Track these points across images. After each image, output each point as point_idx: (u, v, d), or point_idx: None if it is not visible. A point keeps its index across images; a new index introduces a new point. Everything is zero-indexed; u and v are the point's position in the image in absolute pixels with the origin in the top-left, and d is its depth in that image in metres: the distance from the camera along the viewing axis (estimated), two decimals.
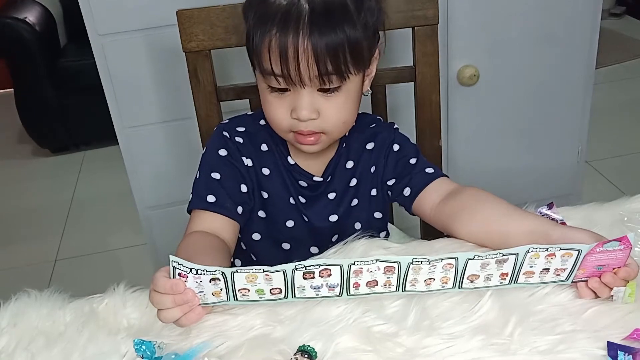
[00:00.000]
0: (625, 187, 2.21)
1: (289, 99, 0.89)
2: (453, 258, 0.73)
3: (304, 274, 0.71)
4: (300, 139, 0.92)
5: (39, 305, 0.81)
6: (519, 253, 0.72)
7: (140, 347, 0.71)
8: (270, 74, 0.87)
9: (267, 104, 0.92)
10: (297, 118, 0.89)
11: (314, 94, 0.88)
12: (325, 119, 0.90)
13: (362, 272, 0.73)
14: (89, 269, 2.15)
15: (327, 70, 0.84)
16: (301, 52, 0.83)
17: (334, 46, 0.83)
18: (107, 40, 1.48)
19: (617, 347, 0.66)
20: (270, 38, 0.84)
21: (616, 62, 3.16)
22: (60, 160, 2.97)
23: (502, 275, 0.75)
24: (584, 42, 1.75)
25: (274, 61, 0.85)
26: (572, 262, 0.73)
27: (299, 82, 0.85)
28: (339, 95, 0.89)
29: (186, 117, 1.50)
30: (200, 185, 0.96)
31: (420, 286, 0.75)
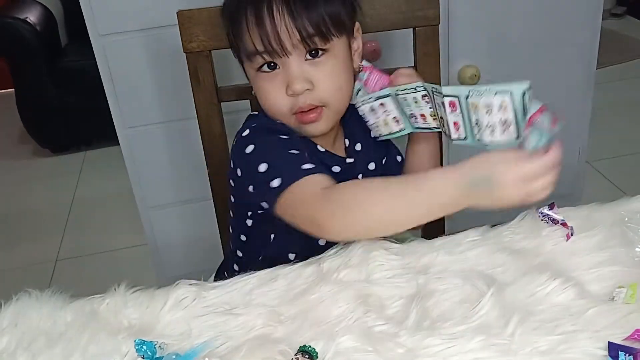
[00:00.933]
0: (625, 187, 2.21)
1: (280, 77, 0.89)
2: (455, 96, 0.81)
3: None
4: (303, 117, 0.90)
5: (40, 306, 0.81)
6: (462, 103, 0.79)
7: (141, 347, 0.71)
8: (254, 53, 0.88)
9: (262, 91, 0.92)
10: (293, 93, 0.88)
11: (303, 65, 0.88)
12: (320, 88, 0.89)
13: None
14: (89, 269, 2.15)
15: (308, 31, 0.85)
16: (278, 19, 0.85)
17: (312, 6, 0.85)
18: (108, 41, 1.48)
19: (617, 348, 0.66)
20: (246, 18, 0.86)
21: (617, 62, 3.16)
22: (61, 160, 2.97)
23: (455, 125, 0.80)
24: (585, 42, 1.75)
25: (254, 38, 0.86)
26: (512, 111, 0.75)
27: (282, 50, 0.86)
28: (327, 60, 0.89)
29: (187, 118, 1.50)
30: (283, 163, 0.86)
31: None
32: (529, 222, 0.89)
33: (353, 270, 0.83)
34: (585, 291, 0.76)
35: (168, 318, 0.78)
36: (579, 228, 0.86)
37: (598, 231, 0.85)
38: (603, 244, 0.83)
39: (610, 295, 0.75)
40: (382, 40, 1.58)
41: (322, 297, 0.79)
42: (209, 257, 1.33)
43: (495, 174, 0.71)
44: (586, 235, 0.85)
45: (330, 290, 0.79)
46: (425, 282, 0.80)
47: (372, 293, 0.79)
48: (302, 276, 0.83)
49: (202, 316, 0.78)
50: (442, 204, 0.74)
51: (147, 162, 1.64)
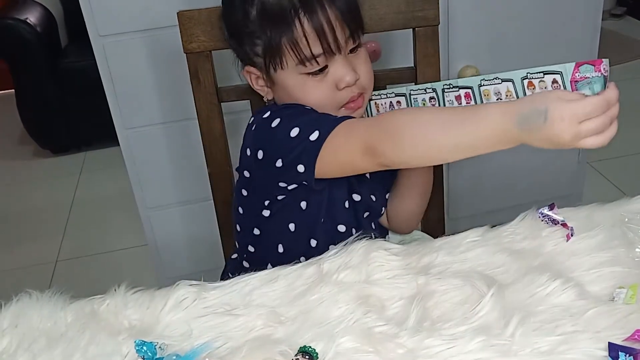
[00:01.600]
0: (626, 187, 2.21)
1: (329, 76, 0.93)
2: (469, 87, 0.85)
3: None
4: (353, 105, 0.96)
5: (40, 306, 0.81)
6: (514, 79, 0.79)
7: (142, 348, 0.71)
8: (311, 58, 0.91)
9: (310, 93, 0.94)
10: (346, 85, 0.93)
11: (347, 58, 0.94)
12: (362, 75, 0.96)
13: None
14: (90, 270, 2.15)
15: (356, 26, 0.93)
16: (334, 21, 0.90)
17: (350, 3, 0.93)
18: (108, 41, 1.48)
19: (618, 348, 0.66)
20: (301, 23, 0.89)
21: (617, 63, 3.16)
22: (61, 161, 2.97)
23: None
24: (585, 43, 1.75)
25: (312, 42, 0.90)
26: (515, 96, 0.80)
27: (338, 49, 0.91)
28: (361, 50, 0.97)
29: (187, 118, 1.50)
30: (313, 122, 0.89)
31: None
32: (529, 222, 0.89)
33: (353, 271, 0.83)
34: (586, 292, 0.76)
35: (168, 319, 0.78)
36: (579, 229, 0.86)
37: (598, 232, 0.85)
38: (603, 245, 0.83)
39: (610, 295, 0.75)
40: (382, 40, 1.58)
41: (322, 297, 0.79)
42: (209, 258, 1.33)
43: (550, 109, 0.69)
44: (586, 236, 0.85)
45: (331, 291, 0.79)
46: (425, 282, 0.80)
47: (372, 294, 0.79)
48: (302, 277, 0.83)
49: (202, 317, 0.78)
50: (495, 134, 0.74)
51: (147, 162, 1.64)
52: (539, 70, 0.79)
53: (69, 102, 2.83)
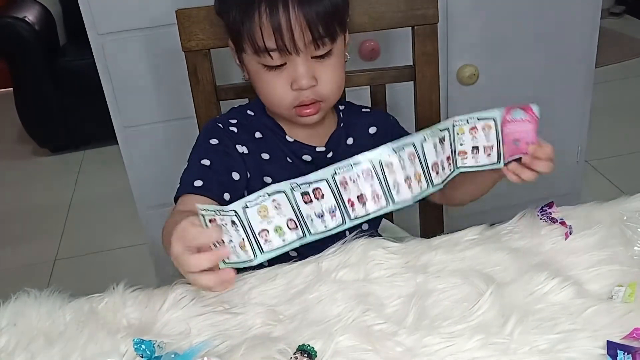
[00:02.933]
0: (624, 186, 2.21)
1: (286, 73, 0.91)
2: (410, 144, 0.76)
3: (303, 197, 0.71)
4: (303, 111, 0.94)
5: (39, 305, 0.81)
6: (449, 128, 0.80)
7: (140, 346, 0.71)
8: (264, 51, 0.89)
9: (265, 84, 0.94)
10: (298, 88, 0.91)
11: (309, 62, 0.91)
12: (322, 84, 0.93)
13: (347, 183, 0.73)
14: (88, 269, 2.15)
15: (320, 34, 0.89)
16: (294, 22, 0.87)
17: (324, 9, 0.88)
18: (107, 40, 1.48)
19: (616, 347, 0.66)
20: (260, 15, 0.87)
21: (616, 62, 3.16)
22: (59, 160, 2.96)
23: (447, 159, 0.80)
24: (584, 42, 1.75)
25: (267, 37, 0.88)
26: (494, 135, 0.79)
27: (294, 50, 0.89)
28: (331, 58, 0.93)
29: (186, 117, 1.49)
30: (188, 173, 0.96)
31: (404, 191, 0.75)
32: (528, 221, 0.89)
33: (352, 270, 0.83)
34: (584, 290, 0.76)
35: (167, 317, 0.78)
36: (578, 227, 0.86)
37: (597, 230, 0.85)
38: (602, 243, 0.83)
39: (609, 294, 0.75)
40: (381, 39, 1.58)
41: (320, 296, 0.79)
42: None
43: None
44: (585, 234, 0.85)
45: (329, 290, 0.79)
46: (424, 281, 0.80)
47: (370, 292, 0.79)
48: (300, 275, 0.83)
49: (200, 315, 0.78)
50: None
51: (145, 161, 1.64)
52: (465, 116, 0.81)
53: (68, 100, 2.82)
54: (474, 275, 0.79)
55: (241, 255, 0.71)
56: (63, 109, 2.85)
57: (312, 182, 0.72)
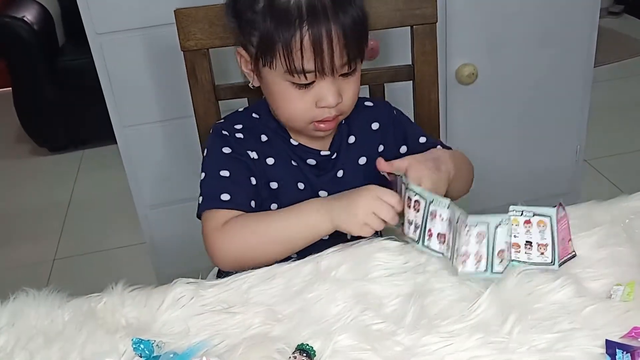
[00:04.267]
0: (624, 185, 2.21)
1: (313, 91, 0.91)
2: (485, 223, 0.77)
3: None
4: (323, 126, 0.95)
5: (38, 305, 0.81)
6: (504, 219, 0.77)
7: (139, 346, 0.71)
8: (300, 72, 0.88)
9: (287, 101, 0.93)
10: (325, 106, 0.91)
11: (337, 80, 0.91)
12: (346, 100, 0.93)
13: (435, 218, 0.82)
14: (87, 268, 2.15)
15: (354, 54, 0.89)
16: (335, 44, 0.86)
17: (358, 29, 0.89)
18: (105, 39, 1.48)
19: (615, 345, 0.66)
20: (302, 36, 0.85)
21: (615, 61, 3.16)
22: (58, 160, 2.96)
23: (499, 254, 0.78)
24: (583, 41, 1.75)
25: (306, 58, 0.87)
26: (549, 234, 0.77)
27: (331, 72, 0.89)
28: (355, 75, 0.94)
29: (184, 116, 1.49)
30: (210, 185, 0.96)
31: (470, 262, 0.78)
32: None
33: (351, 269, 0.83)
34: (583, 289, 0.76)
35: (166, 317, 0.78)
36: (577, 226, 0.86)
37: (597, 229, 0.85)
38: (601, 242, 0.83)
39: (607, 293, 0.75)
40: (380, 38, 1.58)
41: (319, 295, 0.79)
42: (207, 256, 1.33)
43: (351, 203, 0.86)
44: (585, 234, 0.85)
45: (328, 289, 0.79)
46: (422, 280, 0.80)
47: (369, 291, 0.79)
48: (299, 275, 0.83)
49: (199, 315, 0.78)
50: (315, 236, 0.89)
51: (144, 161, 1.64)
52: (525, 209, 0.80)
53: (67, 100, 2.82)
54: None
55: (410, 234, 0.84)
56: (62, 109, 2.84)
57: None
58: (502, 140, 1.82)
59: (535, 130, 1.84)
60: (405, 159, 0.90)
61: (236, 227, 0.90)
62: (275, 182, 1.00)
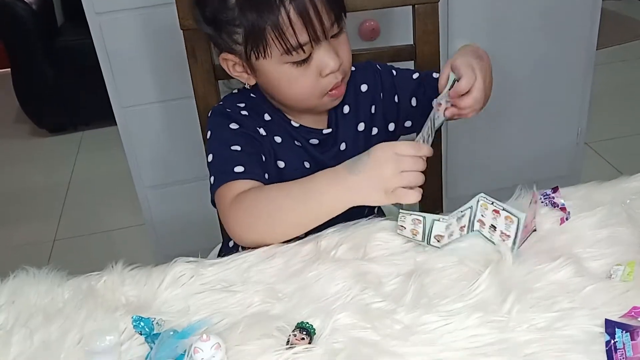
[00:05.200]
0: (624, 168, 2.19)
1: (313, 64, 0.90)
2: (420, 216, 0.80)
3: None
4: (336, 93, 0.94)
5: (38, 283, 0.81)
6: (473, 206, 0.80)
7: (139, 323, 0.71)
8: (298, 47, 0.87)
9: (293, 83, 0.91)
10: (331, 72, 0.90)
11: (330, 43, 0.91)
12: (345, 59, 0.93)
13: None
14: (87, 249, 2.16)
15: (339, 10, 0.89)
16: (320, 6, 0.86)
17: None
18: (105, 19, 1.47)
19: (614, 325, 0.67)
20: (287, 12, 0.85)
21: (617, 43, 3.14)
22: (58, 141, 2.96)
23: (461, 229, 0.81)
24: (585, 23, 1.74)
25: (299, 31, 0.86)
26: (514, 230, 0.78)
27: (324, 35, 0.88)
28: (343, 33, 0.93)
29: (184, 97, 1.49)
30: (220, 163, 0.93)
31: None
32: (527, 200, 0.88)
33: (351, 248, 0.83)
34: (583, 269, 0.76)
35: (166, 295, 0.78)
36: (578, 207, 0.86)
37: (597, 210, 0.85)
38: (602, 223, 0.83)
39: (607, 273, 0.75)
40: (381, 18, 1.57)
41: (319, 274, 0.79)
42: (206, 236, 1.33)
43: (373, 148, 0.81)
44: (585, 214, 0.85)
45: (328, 268, 0.79)
46: (422, 260, 0.80)
47: (369, 271, 0.79)
48: (299, 254, 0.83)
49: (199, 293, 0.78)
50: (334, 210, 0.84)
51: (144, 141, 1.63)
52: (496, 202, 0.80)
53: (66, 81, 2.81)
54: (472, 254, 0.79)
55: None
56: (61, 90, 2.84)
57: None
58: (503, 122, 1.81)
59: (536, 113, 1.83)
60: (447, 64, 0.90)
61: (248, 201, 0.87)
62: (282, 161, 0.99)
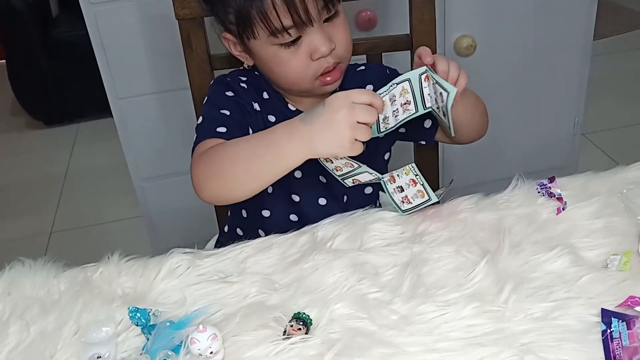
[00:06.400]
0: (621, 159, 2.19)
1: (304, 46, 0.90)
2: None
3: None
4: (326, 78, 0.93)
5: (34, 274, 0.81)
6: (411, 78, 0.80)
7: (135, 314, 0.71)
8: (282, 30, 0.87)
9: (284, 64, 0.92)
10: (320, 56, 0.90)
11: (323, 27, 0.90)
12: (339, 45, 0.92)
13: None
14: (84, 242, 2.15)
15: None
16: None
17: None
18: (100, 9, 1.46)
19: (611, 314, 0.67)
20: None
21: (614, 34, 3.14)
22: (54, 133, 2.95)
23: (405, 105, 0.82)
24: (582, 13, 1.73)
25: (282, 14, 0.86)
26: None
27: (310, 21, 0.87)
28: (339, 17, 0.93)
29: (180, 88, 1.48)
30: (207, 122, 0.93)
31: None
32: (524, 190, 0.89)
33: (347, 239, 0.83)
34: (580, 258, 0.76)
35: (162, 286, 0.78)
36: (574, 197, 0.86)
37: (594, 200, 0.85)
38: (598, 213, 0.83)
39: (604, 262, 0.75)
40: (378, 8, 1.56)
41: (316, 265, 0.79)
42: (203, 228, 1.33)
43: (328, 98, 0.79)
44: (582, 204, 0.85)
45: (325, 259, 0.79)
46: (419, 250, 0.80)
47: (366, 261, 0.79)
48: (296, 245, 0.83)
49: (196, 284, 0.78)
50: (294, 163, 0.81)
51: (140, 133, 1.63)
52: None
53: (61, 72, 2.79)
54: (469, 244, 0.79)
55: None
56: (57, 81, 2.82)
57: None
58: (500, 112, 1.81)
59: (533, 104, 1.83)
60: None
61: (213, 152, 0.86)
62: None
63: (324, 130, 0.77)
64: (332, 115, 0.76)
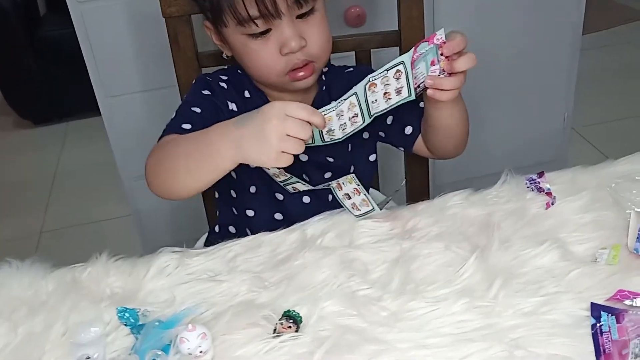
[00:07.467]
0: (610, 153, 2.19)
1: (273, 39, 0.89)
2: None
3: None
4: (297, 74, 0.92)
5: (21, 275, 0.81)
6: (358, 91, 0.80)
7: (124, 314, 0.71)
8: (249, 20, 0.87)
9: (254, 54, 0.91)
10: (289, 52, 0.89)
11: (294, 23, 0.89)
12: (311, 43, 0.91)
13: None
14: (74, 241, 2.14)
15: None
16: None
17: None
18: (87, 8, 1.45)
19: (600, 308, 0.67)
20: None
21: (603, 28, 3.15)
22: (43, 132, 2.93)
23: (353, 118, 0.82)
24: (571, 8, 1.73)
25: (248, 5, 0.85)
26: (405, 77, 0.78)
27: (277, 14, 0.86)
28: (315, 15, 0.91)
29: (168, 86, 1.47)
30: (177, 117, 0.93)
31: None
32: (513, 185, 0.89)
33: (336, 236, 0.83)
34: (569, 253, 0.76)
35: (151, 286, 0.78)
36: (563, 191, 0.86)
37: (582, 194, 0.85)
38: (587, 207, 0.83)
39: (593, 256, 0.76)
40: (367, 5, 1.56)
41: (306, 262, 0.79)
42: (193, 227, 1.32)
43: (263, 106, 0.76)
44: (571, 199, 0.85)
45: (314, 256, 0.79)
46: (409, 246, 0.80)
47: (356, 258, 0.79)
48: (285, 243, 0.83)
49: (185, 283, 0.78)
50: (227, 166, 0.80)
51: (129, 131, 1.62)
52: (380, 70, 0.80)
53: (49, 71, 2.77)
54: (458, 239, 0.79)
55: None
56: (45, 80, 2.80)
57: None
58: (489, 107, 1.81)
59: (522, 98, 1.83)
60: None
61: (163, 146, 0.86)
62: None
63: (252, 137, 0.75)
64: (262, 123, 0.74)
